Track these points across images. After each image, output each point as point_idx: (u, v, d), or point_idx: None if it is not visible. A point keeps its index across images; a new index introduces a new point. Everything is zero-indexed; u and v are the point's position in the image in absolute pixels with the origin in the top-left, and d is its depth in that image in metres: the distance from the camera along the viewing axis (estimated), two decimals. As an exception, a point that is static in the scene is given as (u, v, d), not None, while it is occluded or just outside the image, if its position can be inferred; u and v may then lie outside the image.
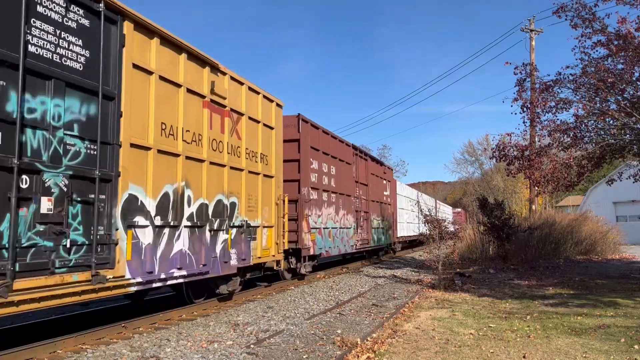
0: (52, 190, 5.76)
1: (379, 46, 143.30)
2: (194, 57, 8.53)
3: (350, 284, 13.55)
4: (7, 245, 5.20)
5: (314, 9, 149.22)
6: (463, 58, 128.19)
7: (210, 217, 8.76)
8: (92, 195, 6.27)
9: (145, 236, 7.20)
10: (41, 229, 5.61)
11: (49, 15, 5.84)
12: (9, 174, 5.30)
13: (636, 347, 6.48)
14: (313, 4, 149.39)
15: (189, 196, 8.21)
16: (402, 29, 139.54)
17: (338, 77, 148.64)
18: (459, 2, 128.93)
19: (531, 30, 25.26)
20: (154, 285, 7.54)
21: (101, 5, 6.50)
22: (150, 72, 7.43)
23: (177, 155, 7.97)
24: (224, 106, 9.43)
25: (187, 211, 8.17)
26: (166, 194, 7.67)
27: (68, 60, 6.06)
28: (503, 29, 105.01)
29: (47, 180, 5.70)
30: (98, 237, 6.32)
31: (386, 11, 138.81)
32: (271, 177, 11.21)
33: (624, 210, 36.28)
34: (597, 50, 12.23)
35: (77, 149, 6.15)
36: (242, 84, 10.12)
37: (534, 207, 25.29)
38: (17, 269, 5.29)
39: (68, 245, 5.88)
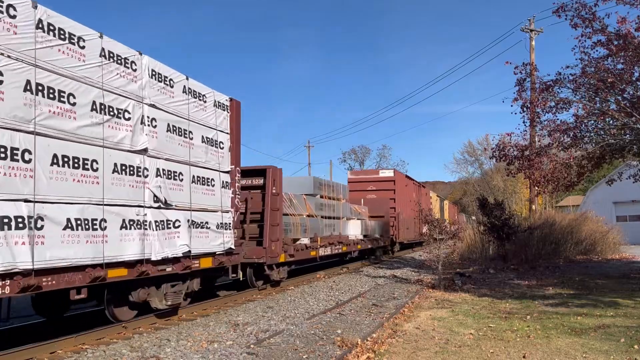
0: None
1: (380, 47, 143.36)
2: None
3: (350, 284, 13.55)
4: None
5: (315, 10, 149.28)
6: (464, 58, 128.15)
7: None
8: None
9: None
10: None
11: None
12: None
13: (636, 347, 6.48)
14: (314, 5, 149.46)
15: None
16: (404, 29, 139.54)
17: (338, 77, 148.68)
18: (460, 3, 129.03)
19: (531, 30, 25.25)
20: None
21: None
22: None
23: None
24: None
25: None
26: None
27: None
28: (503, 29, 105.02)
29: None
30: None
31: (387, 12, 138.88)
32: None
33: (624, 210, 36.22)
34: (597, 50, 12.22)
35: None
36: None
37: (534, 207, 25.29)
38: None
39: None
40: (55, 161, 5.91)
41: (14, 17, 5.58)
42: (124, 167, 6.97)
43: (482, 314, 9.04)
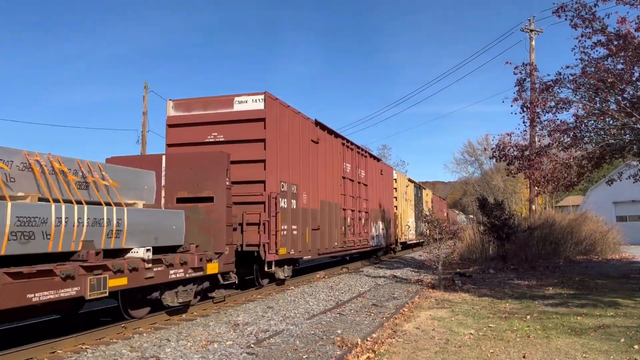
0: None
1: (381, 47, 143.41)
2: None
3: (350, 284, 13.55)
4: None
5: (316, 11, 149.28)
6: (464, 58, 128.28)
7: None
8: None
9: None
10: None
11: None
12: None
13: (636, 347, 6.48)
14: (316, 5, 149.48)
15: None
16: (405, 29, 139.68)
17: (340, 77, 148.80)
18: (460, 3, 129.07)
19: (531, 31, 25.25)
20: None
21: None
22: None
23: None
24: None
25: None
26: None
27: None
28: (503, 29, 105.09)
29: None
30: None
31: (388, 12, 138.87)
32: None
33: (624, 210, 36.24)
34: (597, 50, 12.22)
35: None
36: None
37: (534, 207, 25.29)
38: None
39: None
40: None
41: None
42: None
43: (482, 314, 9.04)
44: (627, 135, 12.31)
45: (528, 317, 8.64)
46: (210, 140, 11.65)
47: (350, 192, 17.10)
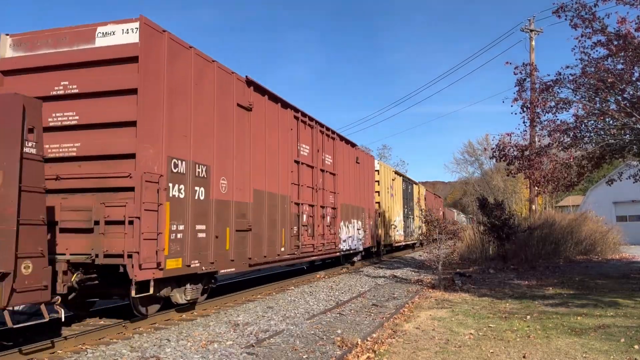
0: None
1: (381, 47, 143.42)
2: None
3: (350, 284, 13.55)
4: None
5: (318, 11, 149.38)
6: (464, 58, 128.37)
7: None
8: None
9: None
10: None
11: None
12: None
13: (636, 347, 6.48)
14: (317, 6, 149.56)
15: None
16: (406, 30, 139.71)
17: (341, 78, 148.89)
18: (460, 3, 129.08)
19: (531, 31, 25.24)
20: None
21: None
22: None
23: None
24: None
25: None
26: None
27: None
28: (503, 29, 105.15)
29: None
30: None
31: (388, 13, 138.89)
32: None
33: (624, 210, 36.26)
34: (597, 50, 12.23)
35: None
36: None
37: (534, 207, 25.28)
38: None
39: None
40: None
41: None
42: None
43: (482, 314, 9.04)
44: (627, 135, 12.31)
45: (528, 317, 8.64)
46: (59, 92, 7.78)
47: (309, 181, 13.37)
